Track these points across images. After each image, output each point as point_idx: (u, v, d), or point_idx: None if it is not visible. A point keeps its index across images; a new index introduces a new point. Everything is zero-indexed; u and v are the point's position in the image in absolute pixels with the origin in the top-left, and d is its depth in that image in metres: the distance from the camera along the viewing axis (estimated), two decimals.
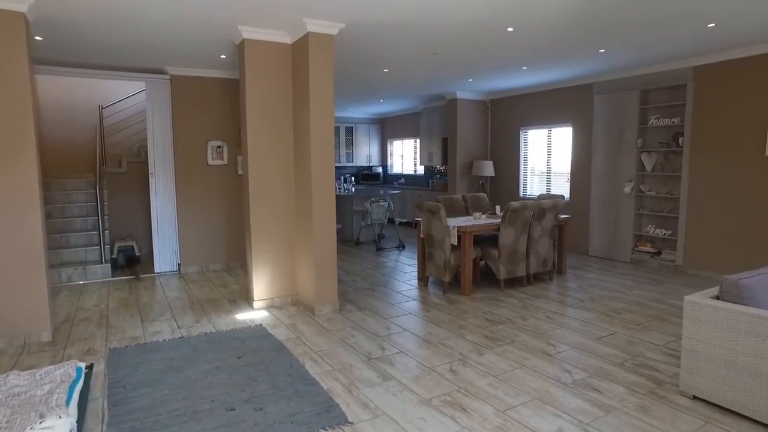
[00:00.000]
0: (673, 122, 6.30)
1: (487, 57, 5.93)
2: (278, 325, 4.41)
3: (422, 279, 5.80)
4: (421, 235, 5.70)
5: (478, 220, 5.61)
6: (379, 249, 8.04)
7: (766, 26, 4.63)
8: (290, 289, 5.10)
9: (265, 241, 4.92)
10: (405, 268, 6.66)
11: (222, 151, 6.71)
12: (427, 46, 5.38)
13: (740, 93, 5.68)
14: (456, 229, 5.18)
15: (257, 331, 4.26)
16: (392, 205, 8.42)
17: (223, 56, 5.63)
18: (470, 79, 7.54)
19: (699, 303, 2.91)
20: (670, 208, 6.53)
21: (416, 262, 6.53)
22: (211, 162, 6.67)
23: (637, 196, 6.80)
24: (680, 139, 6.25)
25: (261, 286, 4.95)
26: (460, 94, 8.84)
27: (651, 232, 6.70)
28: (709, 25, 4.66)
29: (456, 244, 5.22)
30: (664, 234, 6.55)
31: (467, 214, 6.55)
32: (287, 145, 4.97)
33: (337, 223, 10.13)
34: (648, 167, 6.66)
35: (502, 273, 5.35)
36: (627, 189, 6.76)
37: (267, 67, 4.79)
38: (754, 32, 4.84)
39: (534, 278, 5.88)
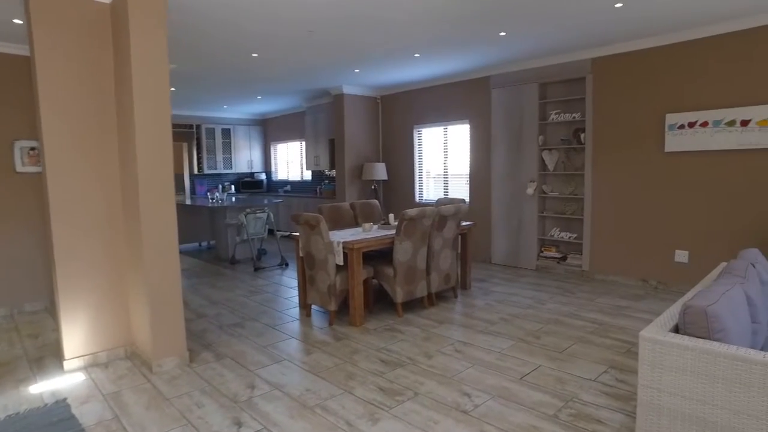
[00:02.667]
0: (574, 117, 5.84)
1: (374, 38, 5.01)
2: (93, 398, 3.07)
3: (305, 307, 4.70)
4: (300, 254, 4.61)
5: (369, 232, 4.65)
6: (257, 268, 6.79)
7: (670, 12, 4.21)
8: (123, 338, 3.74)
9: (80, 272, 3.53)
10: (286, 292, 5.52)
11: (38, 154, 5.09)
12: (300, 23, 4.33)
13: (638, 87, 5.32)
14: (341, 245, 4.16)
15: (54, 414, 2.88)
16: (272, 216, 7.22)
17: (17, 21, 4.12)
18: (357, 70, 6.61)
19: (661, 342, 2.15)
20: (573, 209, 6.07)
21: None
22: (20, 168, 5.02)
23: (540, 198, 6.29)
24: (581, 136, 5.81)
25: (76, 337, 3.54)
26: (347, 89, 7.89)
27: (556, 235, 6.21)
28: (616, 5, 4.13)
29: (342, 263, 4.21)
30: (569, 237, 6.08)
31: (357, 224, 5.57)
32: (109, 143, 3.62)
33: (210, 240, 8.70)
34: (550, 166, 6.16)
35: (399, 296, 4.42)
36: (530, 190, 6.21)
37: (73, 35, 3.42)
38: (656, 19, 4.42)
39: (436, 297, 5.04)
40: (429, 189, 7.93)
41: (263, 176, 11.56)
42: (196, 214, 8.57)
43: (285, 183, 11.20)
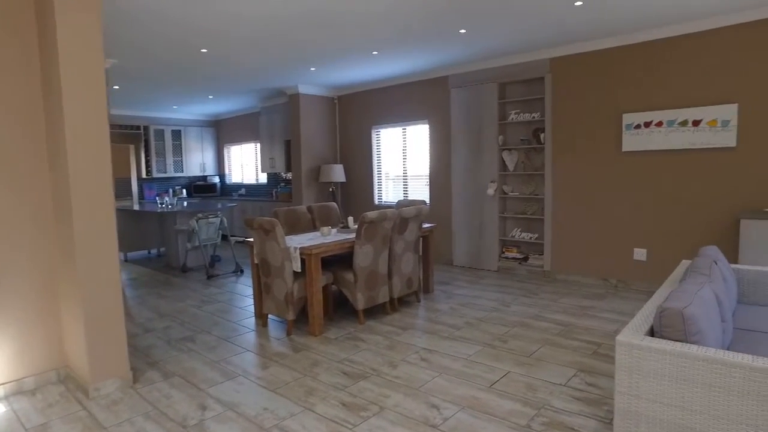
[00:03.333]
0: (534, 117, 5.83)
1: (330, 34, 4.81)
2: None
3: (261, 317, 4.44)
4: (255, 261, 4.35)
5: (328, 236, 4.44)
6: (210, 276, 6.45)
7: (626, 13, 4.21)
8: (55, 360, 3.38)
9: (1, 286, 3.16)
10: (241, 301, 5.23)
11: None
12: (251, 18, 4.08)
13: (595, 87, 5.35)
14: (298, 250, 3.94)
15: None
16: (226, 220, 6.88)
17: None
18: (313, 69, 6.38)
19: (638, 346, 2.05)
20: (534, 209, 6.06)
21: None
22: None
23: (500, 198, 6.24)
24: (541, 136, 5.79)
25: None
26: (303, 89, 7.64)
27: (517, 236, 6.17)
28: (576, 3, 4.10)
29: (300, 270, 3.98)
30: (531, 238, 6.05)
31: (315, 229, 5.35)
32: (36, 146, 3.27)
33: (160, 247, 8.25)
34: (510, 166, 6.13)
35: (360, 302, 4.23)
36: (490, 191, 6.16)
37: None
38: (612, 20, 4.42)
39: (399, 302, 4.89)
40: (388, 191, 7.78)
41: (217, 179, 11.12)
42: (144, 220, 8.10)
43: (240, 186, 10.80)
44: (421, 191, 7.28)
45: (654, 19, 4.57)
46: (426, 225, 5.16)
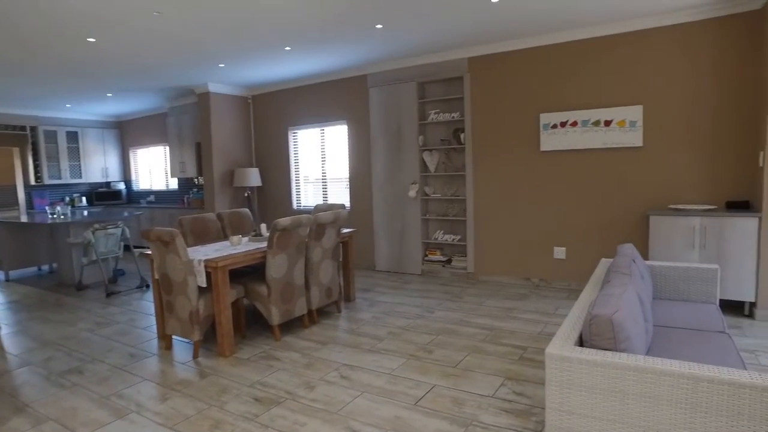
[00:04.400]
0: (453, 117, 5.74)
1: (237, 25, 4.42)
2: None
3: (164, 338, 3.96)
4: (156, 277, 3.87)
5: (238, 246, 4.05)
6: (110, 294, 5.78)
7: (541, 14, 4.20)
8: None
9: None
10: (144, 321, 4.69)
11: None
12: (143, 1, 3.62)
13: (513, 87, 5.36)
14: (203, 263, 3.53)
15: None
16: (128, 230, 6.22)
17: None
18: (222, 65, 5.92)
19: (569, 359, 1.90)
20: (456, 210, 5.98)
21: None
22: None
23: (422, 200, 6.11)
24: (461, 136, 5.72)
25: None
26: (214, 87, 7.12)
27: (440, 238, 6.07)
28: (492, 0, 4.01)
29: (206, 285, 3.58)
30: (454, 239, 5.97)
31: (226, 238, 4.92)
32: None
33: (52, 263, 7.37)
34: (431, 167, 6.01)
35: (275, 317, 3.89)
36: (412, 192, 6.01)
37: None
38: (528, 21, 4.40)
39: (318, 314, 4.58)
40: (308, 194, 7.44)
41: (122, 186, 10.20)
42: (32, 233, 7.19)
43: (148, 193, 9.97)
44: (341, 194, 7.01)
45: (567, 21, 4.61)
46: (345, 230, 4.89)
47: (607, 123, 4.88)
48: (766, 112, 3.88)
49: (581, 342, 2.10)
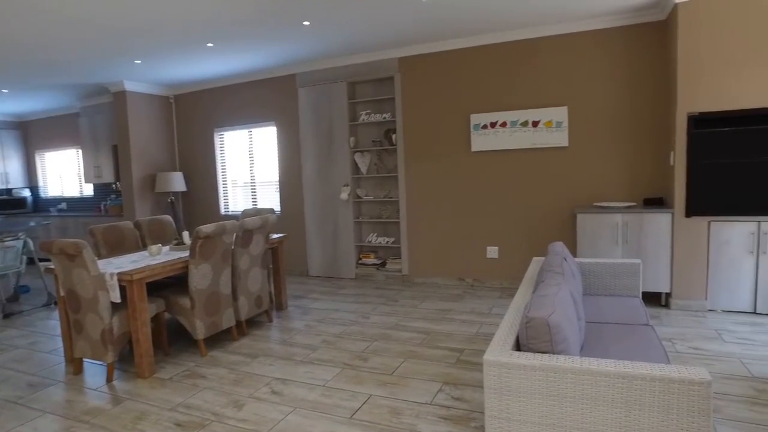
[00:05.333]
0: (385, 118, 5.68)
1: (148, 17, 4.10)
2: None
3: (72, 362, 3.57)
4: (61, 293, 3.49)
5: (157, 256, 3.74)
6: (7, 315, 5.20)
7: (471, 15, 4.21)
8: None
9: None
10: (49, 344, 4.23)
11: None
12: None
13: (444, 87, 5.37)
14: (116, 277, 3.21)
15: None
16: (31, 243, 5.64)
17: None
18: (138, 61, 5.51)
19: (507, 364, 1.85)
20: (389, 212, 5.91)
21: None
22: None
23: (355, 202, 5.99)
24: (393, 137, 5.66)
25: None
26: (130, 86, 6.64)
27: (374, 241, 5.98)
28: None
29: (120, 300, 3.26)
30: (387, 242, 5.90)
31: (145, 247, 4.56)
32: None
33: None
34: (363, 169, 5.91)
35: (200, 331, 3.62)
36: (344, 195, 5.87)
37: None
38: (457, 21, 4.40)
39: (248, 325, 4.34)
40: (236, 199, 7.11)
41: (27, 193, 9.31)
42: None
43: (59, 200, 9.16)
44: (271, 198, 6.75)
45: (496, 23, 4.66)
46: (275, 235, 4.68)
47: (535, 124, 4.99)
48: (674, 115, 4.10)
49: (518, 346, 2.06)
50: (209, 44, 4.95)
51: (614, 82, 4.70)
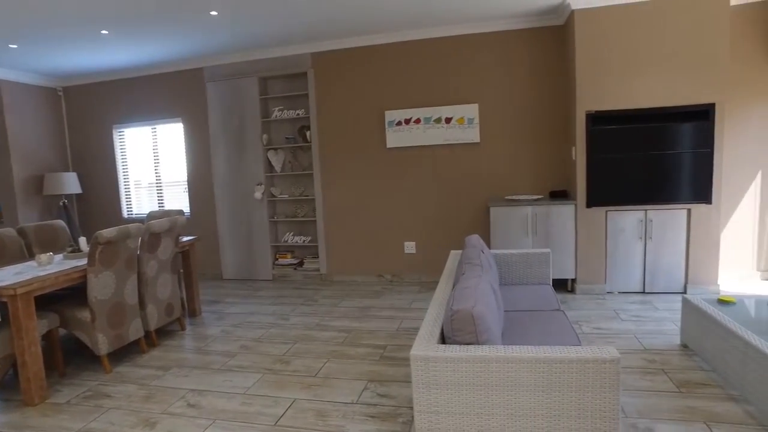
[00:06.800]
0: (298, 114, 5.54)
1: None
2: None
3: None
4: None
5: (47, 266, 3.36)
6: None
7: (383, 13, 4.22)
8: None
9: None
10: None
11: None
12: None
13: (358, 84, 5.34)
14: None
15: None
16: None
17: None
18: (14, 46, 4.93)
19: (434, 358, 1.85)
20: (305, 211, 5.79)
21: None
22: None
23: (269, 201, 5.80)
24: (307, 134, 5.55)
25: None
26: (6, 74, 5.93)
27: (290, 240, 5.83)
28: None
29: (1, 319, 2.88)
30: (304, 241, 5.78)
31: (33, 257, 4.09)
32: None
33: None
34: (277, 167, 5.73)
35: (102, 346, 3.30)
36: (258, 194, 5.66)
37: None
38: (369, 18, 4.39)
39: (158, 335, 4.05)
40: (141, 201, 6.62)
41: None
42: None
43: None
44: (180, 199, 6.36)
45: (408, 22, 4.70)
46: (185, 238, 4.40)
47: (448, 120, 5.12)
48: (574, 113, 4.39)
49: (443, 339, 2.09)
50: (104, 31, 4.54)
51: (521, 82, 4.94)
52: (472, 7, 4.43)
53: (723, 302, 3.09)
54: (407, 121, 5.19)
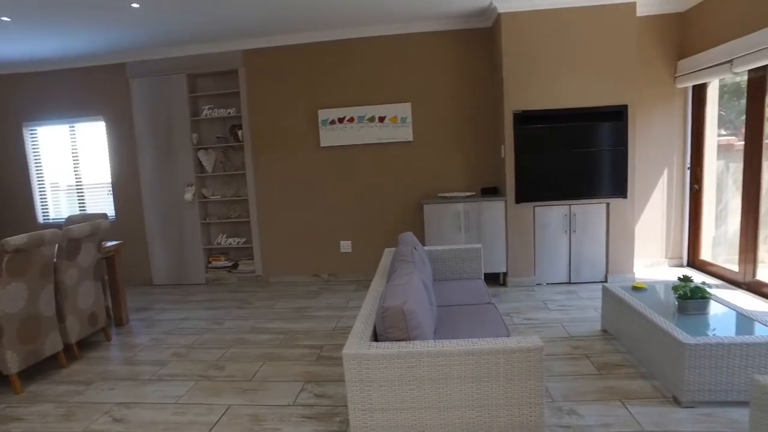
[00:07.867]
0: (229, 113, 5.40)
1: None
2: None
3: None
4: None
5: None
6: None
7: (312, 11, 4.18)
8: None
9: None
10: None
11: None
12: None
13: (291, 82, 5.27)
14: None
15: None
16: None
17: None
18: None
19: (366, 356, 1.87)
20: (239, 212, 5.65)
21: None
22: None
23: (201, 203, 5.61)
24: (239, 133, 5.41)
25: None
26: None
27: (223, 242, 5.66)
28: None
29: None
30: (238, 243, 5.64)
31: None
32: None
33: None
34: (208, 167, 5.56)
35: (12, 364, 3.06)
36: (188, 195, 5.46)
37: None
38: (299, 15, 4.35)
39: (81, 347, 3.81)
40: (60, 205, 6.19)
41: None
42: None
43: None
44: (104, 202, 6.01)
45: (339, 20, 4.69)
46: (109, 243, 4.17)
47: (381, 119, 5.16)
48: (503, 112, 4.56)
49: (376, 336, 2.11)
50: (4, 18, 4.20)
51: (451, 81, 5.07)
52: (403, 7, 4.49)
53: (636, 289, 3.32)
54: (341, 120, 5.19)
